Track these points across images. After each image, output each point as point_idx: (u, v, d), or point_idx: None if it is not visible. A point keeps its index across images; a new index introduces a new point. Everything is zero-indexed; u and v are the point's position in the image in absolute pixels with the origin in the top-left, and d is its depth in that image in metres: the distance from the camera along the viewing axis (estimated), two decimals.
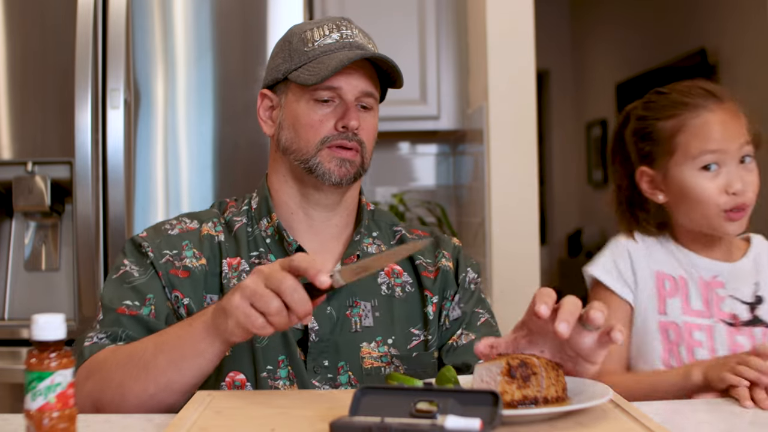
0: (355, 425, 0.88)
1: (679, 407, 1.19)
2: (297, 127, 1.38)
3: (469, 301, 1.46)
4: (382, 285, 1.43)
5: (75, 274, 2.29)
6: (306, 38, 1.39)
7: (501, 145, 2.79)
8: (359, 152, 1.38)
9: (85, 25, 2.28)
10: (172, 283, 1.36)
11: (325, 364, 1.35)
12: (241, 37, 2.40)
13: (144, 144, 2.35)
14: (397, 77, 1.40)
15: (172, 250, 1.39)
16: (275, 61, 1.43)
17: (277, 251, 1.40)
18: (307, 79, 1.35)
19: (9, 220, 2.44)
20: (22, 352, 2.30)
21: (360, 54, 1.34)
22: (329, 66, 1.33)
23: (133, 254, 1.40)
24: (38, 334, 0.88)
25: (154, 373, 1.18)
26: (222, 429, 0.96)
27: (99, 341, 1.30)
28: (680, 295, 1.52)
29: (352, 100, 1.38)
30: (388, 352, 1.38)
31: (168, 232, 1.42)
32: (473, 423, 0.86)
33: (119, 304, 1.33)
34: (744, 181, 1.48)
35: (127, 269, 1.38)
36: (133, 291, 1.35)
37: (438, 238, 1.52)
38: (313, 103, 1.37)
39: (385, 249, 1.47)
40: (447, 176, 3.68)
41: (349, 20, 1.43)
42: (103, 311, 1.35)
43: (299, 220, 1.43)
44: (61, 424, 0.88)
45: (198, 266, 1.38)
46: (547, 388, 1.02)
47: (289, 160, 1.41)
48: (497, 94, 2.79)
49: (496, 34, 2.80)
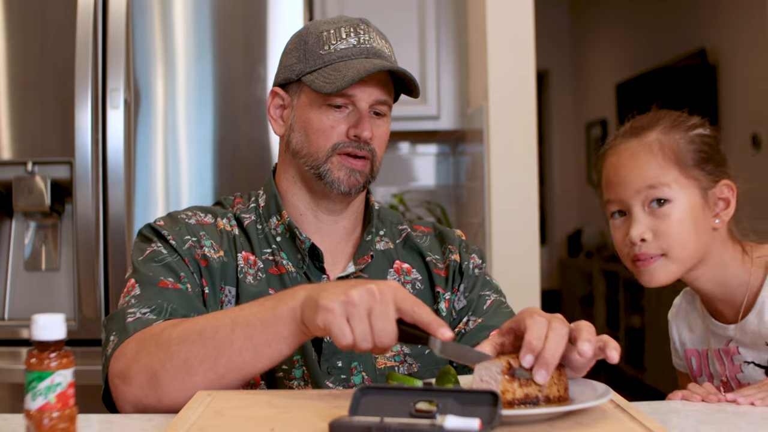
0: (355, 425, 0.88)
1: (679, 407, 1.19)
2: (308, 131, 1.37)
3: (474, 288, 1.45)
4: None
5: (75, 274, 2.29)
6: (322, 40, 1.36)
7: (501, 145, 2.79)
8: (370, 161, 1.37)
9: (85, 25, 2.28)
10: (199, 268, 1.34)
11: (339, 365, 1.34)
12: (241, 37, 2.40)
13: (144, 144, 2.35)
14: (413, 87, 1.38)
15: (193, 237, 1.37)
16: (289, 59, 1.40)
17: (289, 249, 1.39)
18: (321, 86, 1.33)
19: (9, 220, 2.44)
20: (22, 352, 2.30)
21: (377, 66, 1.32)
22: (346, 76, 1.31)
23: (156, 237, 1.37)
24: (38, 334, 0.88)
25: (228, 353, 1.13)
26: (222, 429, 0.96)
27: (143, 316, 1.25)
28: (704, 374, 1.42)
29: (366, 108, 1.36)
30: (401, 350, 1.37)
31: (186, 220, 1.39)
32: (472, 423, 0.86)
33: (158, 278, 1.29)
34: (653, 230, 1.32)
35: (154, 248, 1.35)
36: (166, 268, 1.32)
37: (441, 232, 1.51)
38: (325, 108, 1.36)
39: (392, 246, 1.46)
40: (447, 176, 3.68)
41: (367, 23, 1.40)
42: (141, 286, 1.29)
43: (308, 222, 1.42)
44: (61, 424, 0.88)
45: (216, 258, 1.36)
46: (548, 387, 1.02)
47: (298, 164, 1.40)
48: (497, 94, 2.79)
49: (496, 34, 2.80)
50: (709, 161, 1.35)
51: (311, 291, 1.11)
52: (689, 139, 1.35)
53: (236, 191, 1.53)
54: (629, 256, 1.35)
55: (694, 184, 1.33)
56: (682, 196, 1.32)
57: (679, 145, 1.34)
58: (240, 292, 1.35)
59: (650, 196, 1.32)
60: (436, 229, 1.52)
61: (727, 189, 1.36)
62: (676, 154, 1.33)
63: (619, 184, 1.35)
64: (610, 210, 1.38)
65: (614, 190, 1.36)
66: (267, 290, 1.36)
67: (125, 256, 2.29)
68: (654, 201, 1.32)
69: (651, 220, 1.33)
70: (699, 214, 1.33)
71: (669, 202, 1.32)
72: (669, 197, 1.32)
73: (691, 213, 1.32)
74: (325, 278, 1.39)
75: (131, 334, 1.22)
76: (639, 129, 1.37)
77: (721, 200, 1.36)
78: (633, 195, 1.33)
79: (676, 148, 1.33)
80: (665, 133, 1.34)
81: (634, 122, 1.40)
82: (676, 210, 1.32)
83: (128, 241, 2.30)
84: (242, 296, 1.35)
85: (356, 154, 1.36)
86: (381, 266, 1.43)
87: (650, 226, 1.32)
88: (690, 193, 1.33)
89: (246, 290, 1.35)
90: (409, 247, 1.47)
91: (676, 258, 1.32)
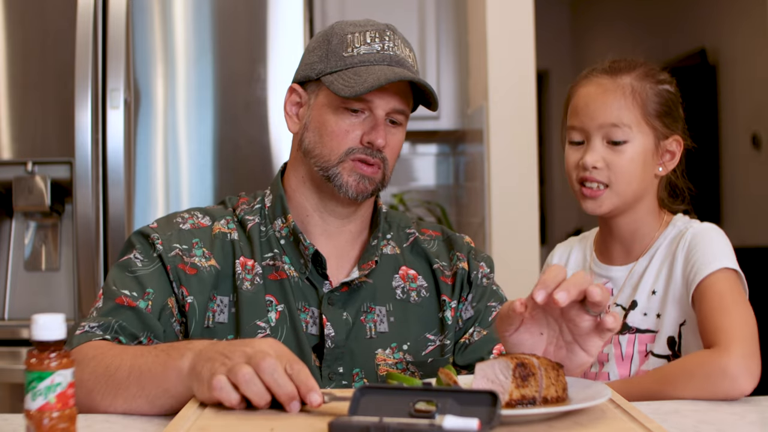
0: (354, 425, 0.88)
1: (679, 407, 1.19)
2: (322, 132, 1.36)
3: (482, 298, 1.44)
4: (397, 289, 1.41)
5: (75, 274, 2.30)
6: (346, 42, 1.35)
7: (501, 145, 2.79)
8: (381, 169, 1.36)
9: (85, 25, 2.28)
10: (179, 277, 1.34)
11: (340, 371, 1.33)
12: (241, 37, 2.40)
13: (144, 144, 2.35)
14: (432, 100, 1.37)
15: (182, 245, 1.36)
16: (311, 57, 1.39)
17: (292, 253, 1.38)
18: (340, 89, 1.31)
19: (9, 220, 2.44)
20: (22, 352, 2.30)
21: (398, 75, 1.31)
22: (366, 81, 1.30)
23: (141, 244, 1.37)
24: (38, 334, 0.88)
25: (124, 396, 1.14)
26: (221, 429, 0.96)
27: (90, 330, 1.27)
28: None
29: (382, 115, 1.35)
30: (404, 358, 1.36)
31: (179, 225, 1.39)
32: (471, 423, 0.86)
33: (119, 293, 1.31)
34: (606, 161, 1.44)
35: (131, 257, 1.35)
36: (134, 281, 1.32)
37: (450, 238, 1.50)
38: (342, 111, 1.34)
39: (399, 251, 1.45)
40: (447, 176, 3.68)
41: (394, 29, 1.39)
42: (104, 298, 1.32)
43: (314, 224, 1.41)
44: (61, 424, 0.88)
45: (206, 266, 1.35)
46: (546, 387, 1.02)
47: (309, 163, 1.38)
48: (497, 94, 2.80)
49: (496, 34, 2.81)
50: (668, 116, 1.48)
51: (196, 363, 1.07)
52: (657, 92, 1.47)
53: (236, 191, 1.51)
54: (577, 180, 1.47)
55: (651, 131, 1.46)
56: (638, 139, 1.45)
57: (648, 94, 1.46)
58: (239, 300, 1.34)
59: (611, 133, 1.44)
60: (445, 234, 1.51)
61: (676, 144, 1.49)
62: (643, 101, 1.45)
63: (587, 115, 1.46)
64: (570, 136, 1.49)
65: (579, 119, 1.47)
66: (263, 297, 1.35)
67: None
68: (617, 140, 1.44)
69: (607, 152, 1.45)
70: (648, 159, 1.46)
71: (626, 142, 1.44)
72: (627, 138, 1.44)
73: (643, 156, 1.45)
74: (328, 284, 1.37)
75: (74, 346, 1.24)
76: (616, 69, 1.48)
77: (668, 152, 1.49)
78: (596, 128, 1.45)
79: (644, 95, 1.45)
80: (638, 80, 1.46)
81: (612, 62, 1.51)
82: (630, 149, 1.44)
83: None
84: (241, 304, 1.34)
85: (368, 161, 1.34)
86: (386, 271, 1.42)
87: (604, 157, 1.44)
88: (646, 138, 1.45)
89: (244, 297, 1.34)
90: (416, 253, 1.46)
91: (620, 192, 1.45)
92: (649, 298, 1.45)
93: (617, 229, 1.52)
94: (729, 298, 1.33)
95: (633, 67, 1.48)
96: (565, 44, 7.49)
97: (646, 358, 1.42)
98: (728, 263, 1.37)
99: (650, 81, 1.46)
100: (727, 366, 1.23)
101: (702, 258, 1.38)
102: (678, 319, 1.42)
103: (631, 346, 1.44)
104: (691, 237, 1.43)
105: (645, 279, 1.46)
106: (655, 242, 1.48)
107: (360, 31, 1.36)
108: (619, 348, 1.44)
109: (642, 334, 1.44)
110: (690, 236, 1.43)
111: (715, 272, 1.36)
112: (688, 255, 1.41)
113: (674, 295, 1.42)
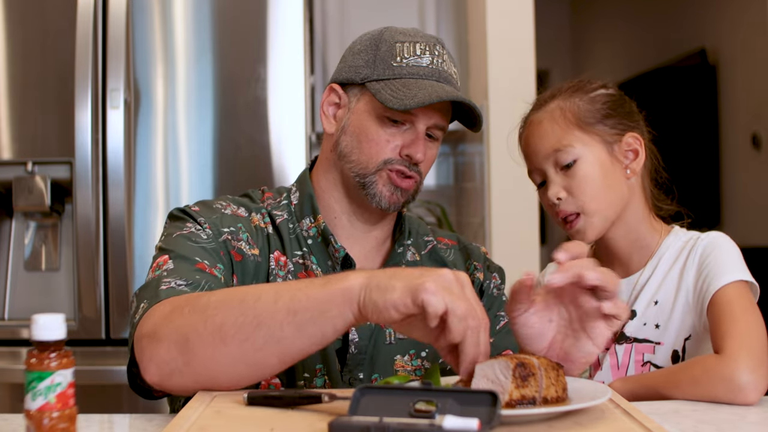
0: (354, 425, 0.88)
1: (679, 407, 1.19)
2: (361, 138, 1.34)
3: (491, 307, 1.44)
4: None
5: (75, 274, 2.30)
6: (395, 51, 1.33)
7: (501, 145, 2.79)
8: (416, 182, 1.36)
9: (85, 25, 2.28)
10: (232, 262, 1.29)
11: (360, 377, 1.32)
12: (241, 37, 2.40)
13: (144, 144, 2.35)
14: (478, 122, 1.36)
15: (230, 228, 1.31)
16: (356, 59, 1.36)
17: (320, 254, 1.36)
18: (387, 99, 1.29)
19: (9, 220, 2.45)
20: (22, 352, 2.30)
21: (449, 95, 1.29)
22: (416, 96, 1.28)
23: (192, 221, 1.30)
24: (38, 334, 0.88)
25: (269, 325, 1.04)
26: (221, 429, 0.96)
27: (178, 287, 1.17)
28: None
29: (423, 129, 1.34)
30: (422, 365, 1.36)
31: (222, 210, 1.34)
32: (471, 423, 0.86)
33: (196, 260, 1.23)
34: (566, 188, 1.41)
35: (192, 230, 1.29)
36: (204, 252, 1.25)
37: (466, 247, 1.50)
38: (384, 120, 1.33)
39: (418, 258, 1.44)
40: (447, 176, 3.68)
41: (443, 44, 1.37)
42: (174, 261, 1.22)
43: (342, 226, 1.39)
44: (61, 424, 0.88)
45: (250, 255, 1.31)
46: (546, 387, 1.02)
47: (343, 167, 1.36)
48: (497, 93, 2.79)
49: (496, 34, 2.81)
50: (612, 117, 1.44)
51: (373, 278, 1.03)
52: (589, 100, 1.44)
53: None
54: (554, 217, 1.44)
55: (597, 140, 1.42)
56: (587, 153, 1.41)
57: (579, 106, 1.43)
58: None
59: (558, 159, 1.41)
60: (461, 243, 1.51)
61: (634, 140, 1.44)
62: (576, 115, 1.42)
63: (532, 153, 1.46)
64: (534, 180, 1.48)
65: (530, 160, 1.47)
66: None
67: (125, 256, 2.29)
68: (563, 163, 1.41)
69: (564, 180, 1.42)
70: (608, 167, 1.42)
71: (576, 162, 1.41)
72: (575, 156, 1.41)
73: (600, 167, 1.41)
74: None
75: (163, 299, 1.14)
76: (542, 101, 1.47)
77: (629, 152, 1.44)
78: (543, 160, 1.43)
79: (575, 109, 1.42)
80: (565, 99, 1.44)
81: (538, 97, 1.50)
82: (583, 166, 1.41)
83: (128, 241, 2.30)
84: None
85: (405, 173, 1.33)
86: None
87: (563, 186, 1.42)
88: (594, 149, 1.42)
89: None
90: (434, 260, 1.45)
91: (593, 212, 1.41)
92: (649, 308, 1.43)
93: (614, 243, 1.48)
94: (739, 307, 1.31)
95: (558, 91, 1.46)
96: (565, 44, 7.49)
97: (644, 368, 1.41)
98: (742, 275, 1.34)
99: (579, 94, 1.44)
100: (732, 375, 1.21)
101: (715, 269, 1.35)
102: (684, 332, 1.40)
103: (627, 356, 1.42)
104: (702, 248, 1.40)
105: (646, 289, 1.43)
106: (657, 252, 1.45)
107: (410, 41, 1.34)
108: (615, 357, 1.43)
109: (639, 343, 1.42)
110: (701, 248, 1.40)
111: (729, 284, 1.33)
112: (700, 266, 1.38)
113: (683, 306, 1.39)
